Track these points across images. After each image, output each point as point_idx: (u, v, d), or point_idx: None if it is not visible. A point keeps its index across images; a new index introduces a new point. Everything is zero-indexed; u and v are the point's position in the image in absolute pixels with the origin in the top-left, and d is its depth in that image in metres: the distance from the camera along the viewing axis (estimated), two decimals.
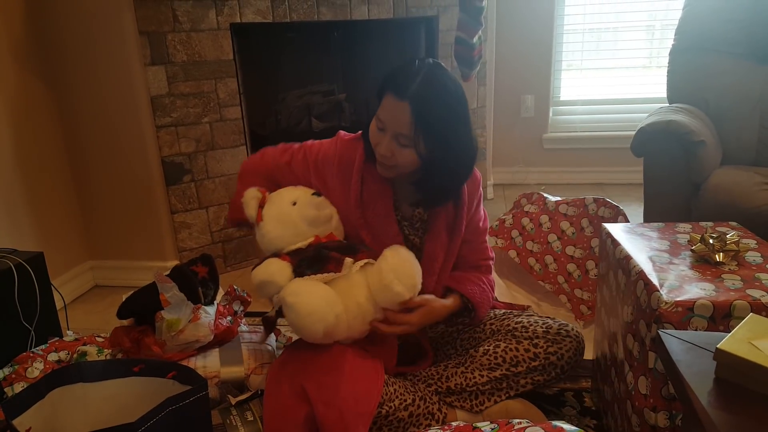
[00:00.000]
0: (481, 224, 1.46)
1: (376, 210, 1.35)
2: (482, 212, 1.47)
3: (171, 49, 2.16)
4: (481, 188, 1.45)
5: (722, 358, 0.68)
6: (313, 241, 1.31)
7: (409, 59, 1.26)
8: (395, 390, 1.27)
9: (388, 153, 1.23)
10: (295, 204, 1.33)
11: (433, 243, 1.38)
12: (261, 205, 1.34)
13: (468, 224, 1.42)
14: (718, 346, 0.68)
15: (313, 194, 1.33)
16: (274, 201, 1.35)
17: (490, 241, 2.12)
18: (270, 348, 1.59)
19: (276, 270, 1.23)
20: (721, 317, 0.99)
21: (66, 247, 2.30)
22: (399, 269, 1.22)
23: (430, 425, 1.30)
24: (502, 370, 1.32)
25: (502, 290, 1.99)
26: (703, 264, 1.15)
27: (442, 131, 1.21)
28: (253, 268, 1.27)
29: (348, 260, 1.27)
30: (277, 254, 1.30)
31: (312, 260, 1.26)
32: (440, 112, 1.19)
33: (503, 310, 1.48)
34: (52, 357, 1.58)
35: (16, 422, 1.05)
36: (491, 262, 1.51)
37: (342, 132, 1.43)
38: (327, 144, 1.41)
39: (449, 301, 1.37)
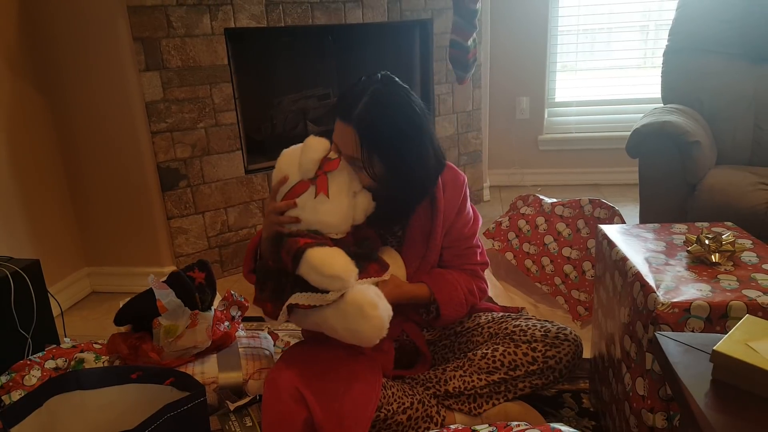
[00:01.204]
0: (466, 230, 1.42)
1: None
2: (468, 216, 1.42)
3: (165, 54, 2.16)
4: (466, 191, 1.41)
5: (719, 360, 0.68)
6: (346, 236, 1.24)
7: (358, 79, 1.24)
8: (393, 394, 1.27)
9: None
10: (355, 195, 1.23)
11: (407, 253, 1.38)
12: (321, 169, 1.19)
13: (449, 231, 1.40)
14: (714, 348, 0.68)
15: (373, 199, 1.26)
16: (340, 181, 1.21)
17: (486, 244, 2.13)
18: (267, 353, 1.59)
19: (350, 268, 1.13)
20: (718, 318, 0.99)
21: (62, 254, 2.29)
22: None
23: (428, 428, 1.30)
24: (500, 374, 1.32)
25: (499, 292, 1.99)
26: (699, 265, 1.15)
27: (390, 151, 1.20)
28: (305, 249, 1.12)
29: (392, 267, 1.26)
30: (318, 233, 1.20)
31: (361, 257, 1.20)
32: (385, 132, 1.18)
33: (500, 314, 1.47)
34: (50, 364, 1.57)
35: (13, 431, 1.05)
36: (479, 268, 1.45)
37: None
38: None
39: (411, 285, 1.36)
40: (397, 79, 1.25)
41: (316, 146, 1.19)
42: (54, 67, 2.17)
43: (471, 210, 1.45)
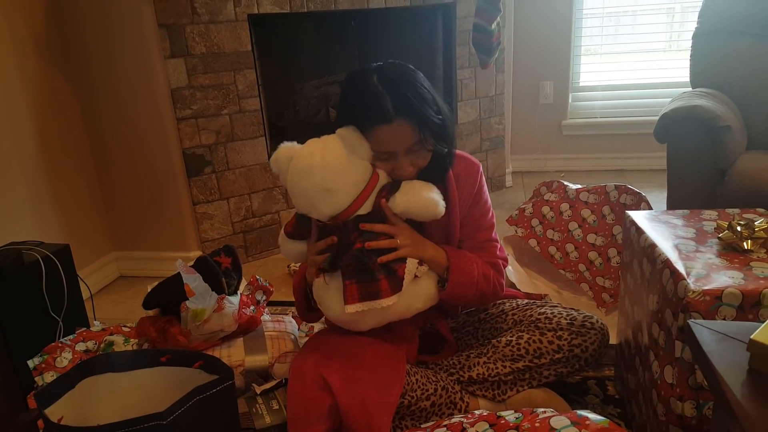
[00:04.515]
0: (484, 219, 1.37)
1: None
2: (486, 206, 1.38)
3: (190, 41, 2.17)
4: (482, 179, 1.37)
5: (756, 349, 0.66)
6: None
7: (354, 85, 1.23)
8: (417, 380, 1.28)
9: (412, 167, 1.23)
10: None
11: None
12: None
13: (466, 222, 1.35)
14: (751, 337, 0.67)
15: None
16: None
17: (509, 230, 2.11)
18: (292, 336, 1.61)
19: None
20: (751, 306, 0.97)
21: (91, 239, 2.33)
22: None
23: (452, 414, 1.30)
24: (525, 362, 1.31)
25: (523, 279, 1.98)
26: (731, 252, 1.13)
27: (432, 116, 1.19)
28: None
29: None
30: None
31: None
32: (422, 102, 1.18)
33: (525, 301, 1.46)
34: (80, 347, 1.62)
35: (48, 411, 1.08)
36: (501, 263, 1.38)
37: None
38: None
39: (432, 244, 1.30)
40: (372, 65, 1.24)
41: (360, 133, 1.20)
42: (81, 55, 2.19)
43: (489, 200, 1.40)
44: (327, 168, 1.17)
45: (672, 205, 2.02)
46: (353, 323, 1.23)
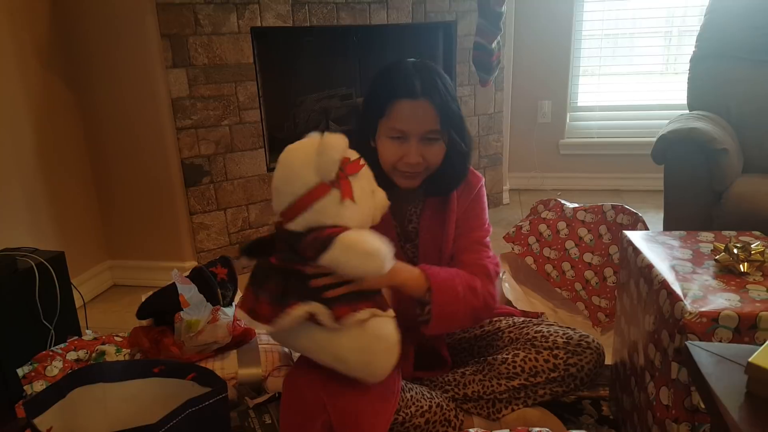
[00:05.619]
0: (478, 222, 1.36)
1: None
2: (483, 214, 1.37)
3: (192, 52, 2.18)
4: (481, 191, 1.38)
5: (754, 372, 0.66)
6: None
7: (389, 66, 1.29)
8: (412, 396, 1.27)
9: (420, 158, 1.23)
10: (374, 194, 1.15)
11: (423, 261, 1.35)
12: (344, 171, 1.08)
13: (459, 222, 1.35)
14: (749, 360, 0.66)
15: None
16: (363, 182, 1.12)
17: (506, 248, 2.12)
18: (286, 350, 1.60)
19: (387, 249, 1.04)
20: (747, 329, 0.97)
21: (86, 247, 2.32)
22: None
23: None
24: (520, 380, 1.31)
25: (519, 296, 1.97)
26: (727, 274, 1.13)
27: (455, 109, 1.24)
28: (337, 234, 1.03)
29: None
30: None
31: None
32: (446, 94, 1.23)
33: (521, 318, 1.46)
34: (71, 356, 1.60)
35: (37, 421, 1.06)
36: (491, 266, 1.32)
37: None
38: None
39: (404, 265, 1.23)
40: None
41: (336, 145, 1.07)
42: (83, 62, 2.20)
43: (486, 212, 1.40)
44: (281, 165, 1.12)
45: (668, 226, 2.02)
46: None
